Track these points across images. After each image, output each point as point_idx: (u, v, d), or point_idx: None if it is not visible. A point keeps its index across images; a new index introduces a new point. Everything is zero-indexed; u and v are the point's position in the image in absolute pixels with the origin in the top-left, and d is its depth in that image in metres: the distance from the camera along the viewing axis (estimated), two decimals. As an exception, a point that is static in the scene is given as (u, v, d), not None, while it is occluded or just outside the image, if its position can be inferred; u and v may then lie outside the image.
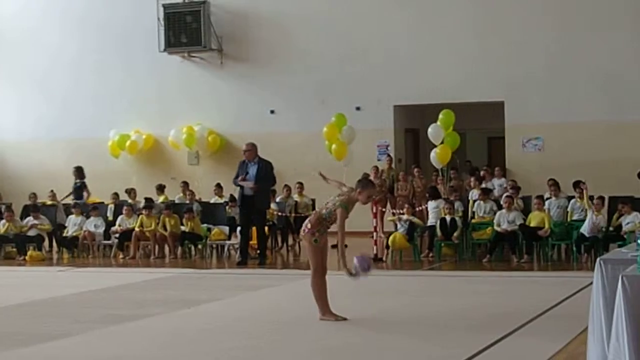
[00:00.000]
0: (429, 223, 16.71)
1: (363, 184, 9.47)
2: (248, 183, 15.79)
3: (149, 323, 9.81)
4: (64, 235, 18.68)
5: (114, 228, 18.27)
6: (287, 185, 19.28)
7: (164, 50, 23.07)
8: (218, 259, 17.43)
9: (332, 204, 9.36)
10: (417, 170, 20.18)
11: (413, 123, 22.75)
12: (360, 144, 19.50)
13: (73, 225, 18.61)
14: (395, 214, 17.35)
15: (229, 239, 17.53)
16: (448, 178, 18.99)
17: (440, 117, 18.40)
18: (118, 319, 9.98)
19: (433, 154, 18.47)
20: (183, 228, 17.70)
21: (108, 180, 21.99)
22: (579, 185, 16.20)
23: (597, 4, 20.31)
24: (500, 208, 16.20)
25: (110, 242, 18.32)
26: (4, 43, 24.76)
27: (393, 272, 14.97)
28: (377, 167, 20.16)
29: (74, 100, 24.22)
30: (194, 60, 23.38)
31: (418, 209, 17.85)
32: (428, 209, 16.99)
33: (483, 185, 18.01)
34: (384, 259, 16.02)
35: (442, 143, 18.38)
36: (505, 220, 15.79)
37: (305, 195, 19.36)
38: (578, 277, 12.68)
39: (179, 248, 17.76)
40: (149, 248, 17.96)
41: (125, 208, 18.46)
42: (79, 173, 20.38)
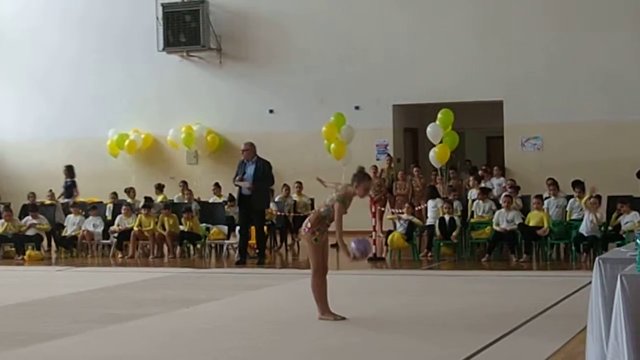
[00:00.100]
0: (428, 222, 16.71)
1: (359, 177, 9.44)
2: (245, 183, 15.76)
3: (148, 323, 9.79)
4: (63, 235, 18.66)
5: (113, 227, 18.27)
6: (286, 185, 19.28)
7: (163, 50, 23.07)
8: (217, 259, 17.40)
9: (329, 201, 9.36)
10: (416, 170, 20.18)
11: (412, 122, 22.74)
12: (359, 144, 19.49)
13: (72, 225, 18.59)
14: (395, 213, 17.35)
15: (228, 239, 17.52)
16: (447, 177, 18.99)
17: (439, 116, 18.37)
18: (117, 319, 9.96)
19: (432, 154, 18.44)
20: (182, 227, 17.70)
21: (107, 180, 22.00)
22: (591, 195, 15.69)
23: (597, 4, 20.30)
24: (499, 207, 16.19)
25: (109, 241, 18.32)
26: (4, 43, 24.76)
27: (392, 271, 14.99)
28: (375, 166, 20.16)
29: (74, 100, 24.22)
30: (193, 60, 23.37)
31: (417, 209, 17.84)
32: (427, 209, 17.00)
33: (482, 185, 18.01)
34: (384, 257, 16.03)
35: (441, 142, 18.35)
36: (504, 220, 15.78)
37: (304, 195, 19.35)
38: (577, 276, 12.67)
39: (178, 247, 17.77)
40: (148, 247, 17.95)
41: (124, 207, 18.45)
42: (69, 172, 20.38)
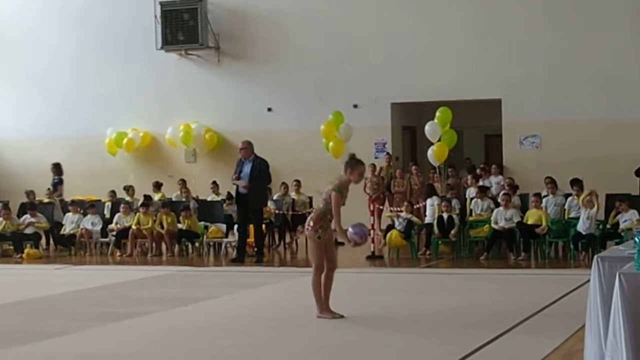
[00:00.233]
0: (426, 221, 16.71)
1: (352, 164, 9.42)
2: (241, 182, 15.76)
3: (146, 321, 9.80)
4: (61, 233, 18.66)
5: (111, 226, 18.25)
6: (284, 183, 19.27)
7: (161, 48, 23.04)
8: (215, 257, 17.39)
9: (325, 195, 9.34)
10: (414, 168, 20.17)
11: (410, 121, 22.73)
12: (358, 142, 19.45)
13: (70, 223, 18.58)
14: (393, 211, 17.35)
15: (226, 237, 17.52)
16: (446, 175, 18.99)
17: (438, 114, 18.37)
18: (115, 317, 9.96)
19: (430, 152, 18.44)
20: (180, 226, 17.68)
21: (105, 178, 21.98)
22: (591, 195, 15.63)
23: (596, 4, 20.28)
24: (498, 206, 16.19)
25: (108, 239, 18.32)
26: (4, 43, 24.72)
27: (391, 269, 15.00)
28: (374, 164, 20.14)
29: (73, 99, 24.19)
30: (192, 58, 23.34)
31: (416, 207, 17.85)
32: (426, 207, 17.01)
33: (480, 183, 18.01)
34: (382, 255, 16.04)
35: (439, 141, 18.35)
36: (503, 218, 15.77)
37: (303, 193, 19.34)
38: (575, 274, 12.68)
39: (176, 246, 17.76)
40: (146, 246, 17.93)
41: (123, 206, 18.44)
42: (57, 170, 20.40)
